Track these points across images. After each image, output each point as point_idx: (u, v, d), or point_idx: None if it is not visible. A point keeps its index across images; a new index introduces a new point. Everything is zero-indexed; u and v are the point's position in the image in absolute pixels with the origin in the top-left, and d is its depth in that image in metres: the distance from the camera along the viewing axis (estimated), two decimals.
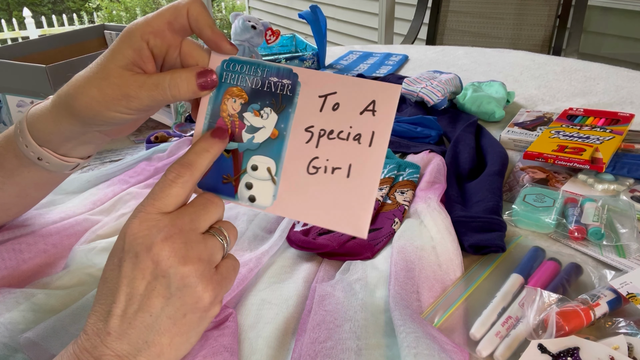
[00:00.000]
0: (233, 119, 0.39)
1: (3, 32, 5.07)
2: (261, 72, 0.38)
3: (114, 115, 0.39)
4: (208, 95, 0.39)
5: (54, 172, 0.46)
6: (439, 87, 0.87)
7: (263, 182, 0.38)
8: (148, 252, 0.33)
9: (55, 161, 0.45)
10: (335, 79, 0.37)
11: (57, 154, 0.44)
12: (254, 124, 0.38)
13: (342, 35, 3.61)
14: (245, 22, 1.06)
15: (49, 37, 0.96)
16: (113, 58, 0.38)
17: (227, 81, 0.39)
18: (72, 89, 0.40)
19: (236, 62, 0.38)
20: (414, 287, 0.46)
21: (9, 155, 0.45)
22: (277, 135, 0.38)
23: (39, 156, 0.44)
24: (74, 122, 0.41)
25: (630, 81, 1.02)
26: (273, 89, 0.38)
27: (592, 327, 0.41)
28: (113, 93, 0.38)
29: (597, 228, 0.53)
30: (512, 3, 1.81)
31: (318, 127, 0.37)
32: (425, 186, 0.62)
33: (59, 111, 0.41)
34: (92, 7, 6.89)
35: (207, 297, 0.34)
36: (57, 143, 0.44)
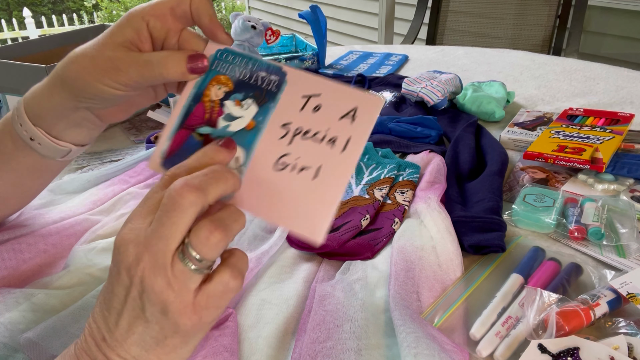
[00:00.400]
0: (213, 104, 0.38)
1: (3, 32, 5.07)
2: (252, 66, 0.38)
3: (102, 88, 0.39)
4: (195, 80, 0.39)
5: (47, 157, 0.46)
6: (439, 87, 0.87)
7: None
8: (127, 270, 0.30)
9: (47, 142, 0.45)
10: (322, 82, 0.37)
11: (50, 135, 0.44)
12: (233, 112, 0.38)
13: (342, 35, 3.61)
14: (245, 22, 1.06)
15: (49, 37, 0.96)
16: (111, 34, 0.39)
17: (217, 69, 0.39)
18: (66, 60, 0.41)
19: (229, 53, 0.39)
20: (414, 287, 0.46)
21: (5, 139, 0.45)
22: (253, 127, 0.37)
23: (32, 136, 0.44)
24: (65, 95, 0.42)
25: (630, 81, 1.02)
26: (259, 82, 0.38)
27: (592, 327, 0.41)
28: (104, 64, 0.38)
29: (597, 228, 0.53)
30: (512, 3, 1.81)
31: (295, 125, 0.36)
32: (425, 186, 0.62)
33: (53, 82, 0.42)
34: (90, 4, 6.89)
35: (186, 324, 0.31)
36: (49, 121, 0.44)
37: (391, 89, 1.00)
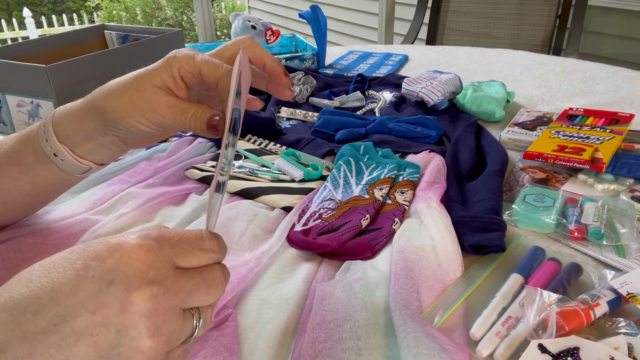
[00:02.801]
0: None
1: (3, 32, 5.07)
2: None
3: (135, 125, 0.43)
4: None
5: (67, 172, 0.47)
6: (439, 87, 0.87)
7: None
8: (126, 291, 0.26)
9: (69, 160, 0.46)
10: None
11: (74, 153, 0.46)
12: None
13: (342, 35, 3.61)
14: (245, 22, 1.06)
15: (49, 37, 0.96)
16: (150, 76, 0.43)
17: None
18: (105, 91, 0.44)
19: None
20: (414, 287, 0.46)
21: (27, 151, 0.47)
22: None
23: (56, 152, 0.46)
24: (98, 122, 0.44)
25: (630, 81, 1.02)
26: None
27: (592, 327, 0.41)
28: (142, 105, 0.42)
29: (597, 228, 0.53)
30: (512, 3, 1.82)
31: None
32: (425, 186, 0.62)
33: (87, 108, 0.45)
34: (92, 6, 6.89)
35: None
36: (76, 141, 0.46)
37: (391, 89, 1.00)
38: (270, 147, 0.75)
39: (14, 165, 0.47)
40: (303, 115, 0.89)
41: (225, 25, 6.21)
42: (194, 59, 0.43)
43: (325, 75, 1.07)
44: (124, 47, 0.89)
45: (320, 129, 0.80)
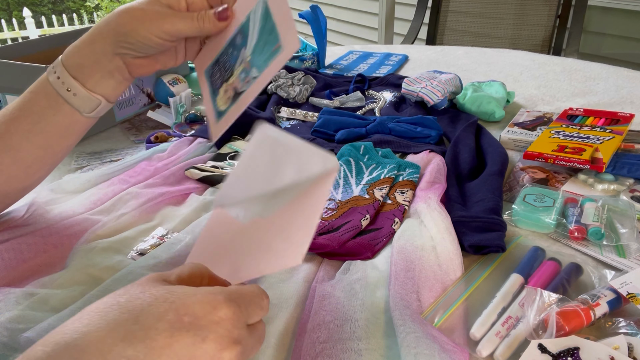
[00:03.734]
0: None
1: (3, 32, 5.06)
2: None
3: (146, 36, 0.48)
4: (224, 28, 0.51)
5: (78, 110, 0.50)
6: (439, 87, 0.87)
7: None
8: (218, 349, 0.28)
9: (82, 92, 0.50)
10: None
11: (85, 87, 0.50)
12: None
13: (342, 35, 3.61)
14: None
15: (49, 37, 0.96)
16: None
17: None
18: (115, 12, 0.49)
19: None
20: (414, 287, 0.46)
21: (39, 97, 0.50)
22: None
23: (69, 87, 0.49)
24: (108, 41, 0.49)
25: (630, 81, 1.02)
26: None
27: (592, 327, 0.41)
28: (154, 15, 0.48)
29: (597, 228, 0.53)
30: (512, 3, 1.81)
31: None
32: (425, 186, 0.62)
33: (97, 31, 0.49)
34: (92, 6, 6.88)
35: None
36: (86, 71, 0.49)
37: (391, 89, 1.00)
38: None
39: (26, 116, 0.49)
40: (303, 115, 0.89)
41: None
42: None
43: (325, 75, 1.07)
44: None
45: (320, 129, 0.80)
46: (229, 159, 0.71)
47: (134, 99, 0.92)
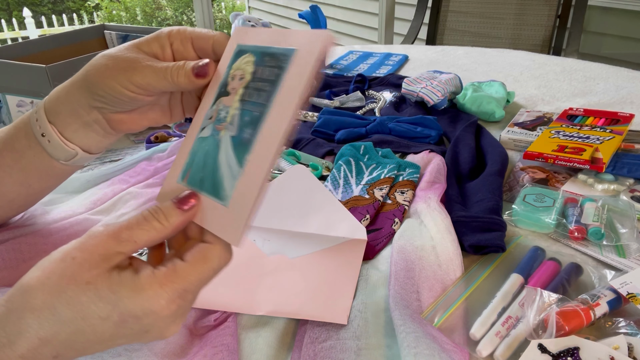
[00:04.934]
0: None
1: (3, 32, 5.07)
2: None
3: (116, 87, 0.41)
4: (204, 83, 0.40)
5: (54, 157, 0.47)
6: (439, 87, 0.87)
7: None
8: (161, 335, 0.33)
9: (56, 141, 0.45)
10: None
11: (62, 135, 0.46)
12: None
13: (342, 35, 3.61)
14: (245, 22, 1.06)
15: (49, 37, 0.96)
16: (138, 43, 0.43)
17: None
18: (93, 59, 0.44)
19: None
20: (414, 287, 0.46)
21: (20, 135, 0.47)
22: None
23: (44, 132, 0.45)
24: (83, 92, 0.44)
25: (630, 81, 1.02)
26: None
27: (592, 327, 0.41)
28: (123, 63, 0.41)
29: (597, 228, 0.53)
30: (512, 3, 1.81)
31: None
32: (425, 186, 0.62)
33: (75, 79, 0.45)
34: (92, 6, 6.89)
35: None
36: (63, 119, 0.45)
37: (391, 89, 1.00)
38: None
39: (8, 151, 0.47)
40: (303, 115, 0.89)
41: (225, 25, 6.21)
42: (187, 29, 0.43)
43: (325, 75, 1.07)
44: None
45: (320, 129, 0.80)
46: None
47: None
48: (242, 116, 0.35)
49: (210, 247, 0.33)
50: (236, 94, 0.37)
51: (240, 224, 0.32)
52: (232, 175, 0.34)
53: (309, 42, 0.34)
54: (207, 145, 0.36)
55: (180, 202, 0.34)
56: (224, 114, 0.37)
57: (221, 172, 0.34)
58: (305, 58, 0.33)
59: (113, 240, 0.31)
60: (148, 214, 0.33)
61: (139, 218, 0.32)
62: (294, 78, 0.33)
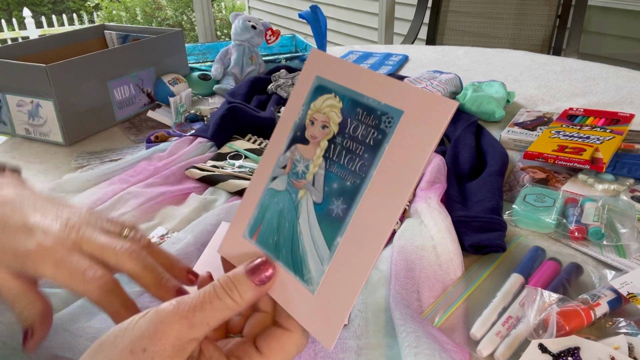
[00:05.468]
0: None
1: (3, 32, 5.06)
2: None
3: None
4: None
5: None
6: (439, 87, 0.87)
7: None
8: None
9: None
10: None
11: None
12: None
13: (342, 35, 3.61)
14: (245, 22, 1.06)
15: (49, 37, 0.96)
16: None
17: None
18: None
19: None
20: (414, 287, 0.46)
21: None
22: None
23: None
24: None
25: (630, 81, 1.02)
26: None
27: (593, 327, 0.41)
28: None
29: (597, 228, 0.53)
30: (512, 3, 1.81)
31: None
32: (426, 186, 0.62)
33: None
34: (92, 5, 6.89)
35: None
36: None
37: None
38: None
39: None
40: None
41: (225, 25, 6.21)
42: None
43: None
44: (124, 47, 0.89)
45: None
46: (229, 158, 0.71)
47: (134, 98, 0.92)
48: (328, 180, 0.30)
49: (287, 336, 0.30)
50: (318, 146, 0.31)
51: (336, 326, 0.27)
52: (318, 256, 0.29)
53: (423, 107, 0.26)
54: (282, 203, 0.32)
55: (255, 274, 0.30)
56: (302, 168, 0.31)
57: (303, 245, 0.30)
58: (418, 128, 0.27)
59: (186, 326, 0.27)
60: (220, 288, 0.29)
61: (211, 294, 0.28)
62: (402, 151, 0.27)
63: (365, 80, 0.29)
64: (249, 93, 0.94)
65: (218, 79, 1.06)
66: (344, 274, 0.28)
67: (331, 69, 0.31)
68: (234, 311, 0.29)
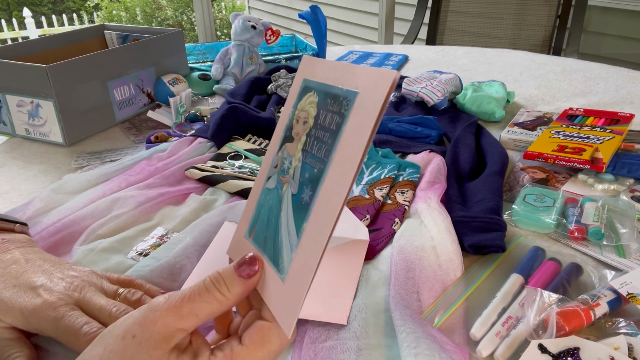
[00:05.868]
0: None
1: (3, 32, 5.06)
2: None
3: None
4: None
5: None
6: (439, 87, 0.87)
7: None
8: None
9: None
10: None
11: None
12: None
13: (342, 35, 3.61)
14: (245, 22, 1.06)
15: (49, 37, 0.96)
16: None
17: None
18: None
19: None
20: (414, 287, 0.46)
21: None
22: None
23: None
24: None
25: (630, 81, 1.02)
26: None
27: (592, 327, 0.41)
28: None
29: (597, 228, 0.53)
30: (512, 3, 1.81)
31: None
32: (426, 186, 0.62)
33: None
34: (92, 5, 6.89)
35: None
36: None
37: None
38: None
39: None
40: None
41: (225, 25, 6.20)
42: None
43: None
44: (124, 47, 0.89)
45: None
46: (229, 158, 0.71)
47: (134, 98, 0.92)
48: (303, 171, 0.31)
49: (269, 328, 0.30)
50: (299, 141, 0.32)
51: (293, 311, 0.28)
52: (290, 244, 0.30)
53: (371, 83, 0.28)
54: (272, 200, 0.33)
55: (241, 268, 0.31)
56: (287, 164, 0.33)
57: (281, 236, 0.31)
58: (367, 105, 0.27)
59: (174, 315, 0.28)
60: (210, 283, 0.30)
61: (200, 288, 0.30)
62: (354, 130, 0.28)
63: (335, 72, 0.31)
64: (249, 93, 0.94)
65: (218, 79, 1.06)
66: (304, 259, 0.28)
67: (314, 70, 0.33)
68: (222, 304, 0.30)
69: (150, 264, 0.49)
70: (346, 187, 0.27)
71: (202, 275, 0.47)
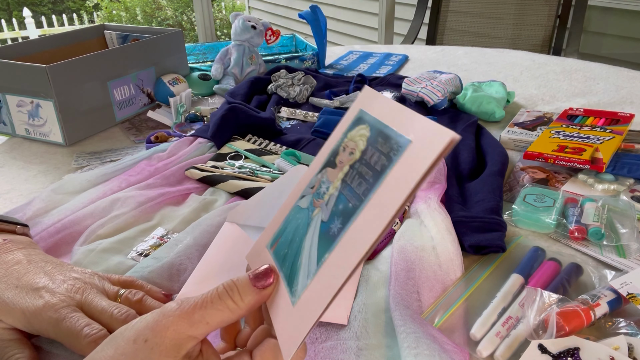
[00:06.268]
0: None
1: (3, 32, 5.06)
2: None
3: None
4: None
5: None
6: (439, 87, 0.87)
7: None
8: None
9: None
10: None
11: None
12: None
13: (342, 35, 3.61)
14: (245, 22, 1.06)
15: (49, 37, 0.96)
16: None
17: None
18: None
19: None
20: (414, 288, 0.46)
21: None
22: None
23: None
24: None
25: (630, 81, 1.02)
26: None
27: (593, 327, 0.41)
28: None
29: (597, 228, 0.53)
30: (512, 3, 1.81)
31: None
32: (426, 186, 0.62)
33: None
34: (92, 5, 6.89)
35: None
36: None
37: (391, 89, 1.00)
38: (271, 147, 0.75)
39: None
40: (303, 115, 0.89)
41: (225, 25, 6.20)
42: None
43: (325, 75, 1.07)
44: (124, 47, 0.89)
45: (320, 129, 0.80)
46: (229, 159, 0.71)
47: (134, 99, 0.92)
48: (338, 201, 0.30)
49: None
50: (341, 170, 0.32)
51: (297, 338, 0.28)
52: (308, 270, 0.30)
53: (427, 136, 0.27)
54: (301, 220, 0.33)
55: (257, 279, 0.31)
56: (324, 190, 0.32)
57: (301, 259, 0.31)
58: (417, 156, 0.27)
59: (185, 322, 0.28)
60: (223, 290, 0.30)
61: (213, 295, 0.30)
62: (398, 178, 0.27)
63: (392, 112, 0.30)
64: (249, 93, 0.94)
65: (218, 79, 1.06)
66: (318, 290, 0.28)
67: (372, 104, 0.32)
68: (233, 313, 0.30)
69: (151, 264, 0.49)
70: (376, 233, 0.27)
71: (202, 276, 0.47)
